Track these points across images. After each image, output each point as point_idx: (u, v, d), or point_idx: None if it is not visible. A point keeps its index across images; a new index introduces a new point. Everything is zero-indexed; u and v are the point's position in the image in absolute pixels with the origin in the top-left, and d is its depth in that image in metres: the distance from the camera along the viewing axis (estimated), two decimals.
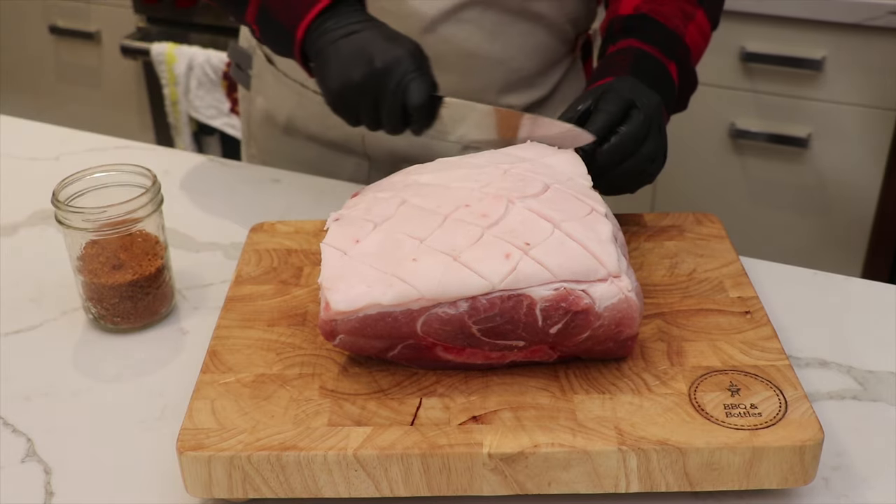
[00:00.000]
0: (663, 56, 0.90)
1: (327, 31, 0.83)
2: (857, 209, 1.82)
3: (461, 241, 0.67)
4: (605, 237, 0.67)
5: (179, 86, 2.11)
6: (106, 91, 2.41)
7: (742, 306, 0.76)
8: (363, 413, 0.66)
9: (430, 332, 0.66)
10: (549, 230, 0.67)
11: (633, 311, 0.66)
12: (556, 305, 0.65)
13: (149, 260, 0.81)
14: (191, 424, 0.65)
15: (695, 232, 0.86)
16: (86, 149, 1.16)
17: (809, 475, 0.64)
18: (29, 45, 2.45)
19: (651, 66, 0.88)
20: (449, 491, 0.64)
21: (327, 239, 0.71)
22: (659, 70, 0.89)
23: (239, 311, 0.77)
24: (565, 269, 0.65)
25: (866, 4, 1.64)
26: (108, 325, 0.82)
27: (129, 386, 0.77)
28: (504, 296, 0.65)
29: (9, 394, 0.76)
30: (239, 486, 0.63)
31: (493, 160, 0.77)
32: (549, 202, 0.70)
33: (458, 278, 0.65)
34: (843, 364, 0.77)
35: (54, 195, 0.79)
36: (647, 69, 0.88)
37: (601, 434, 0.63)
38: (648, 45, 0.90)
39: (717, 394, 0.66)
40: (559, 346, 0.68)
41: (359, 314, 0.65)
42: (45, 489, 0.67)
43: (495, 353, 0.68)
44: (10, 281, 0.91)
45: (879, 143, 1.75)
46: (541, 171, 0.74)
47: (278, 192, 1.05)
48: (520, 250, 0.66)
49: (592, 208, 0.70)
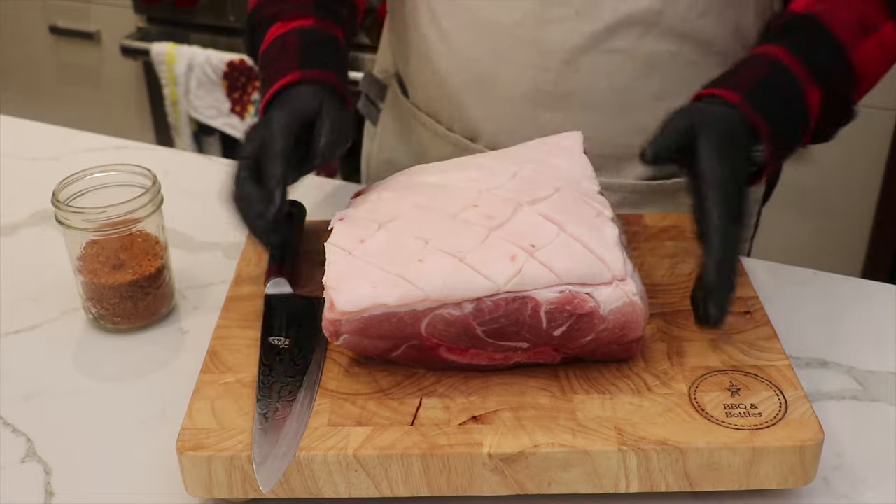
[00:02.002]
0: (809, 77, 0.73)
1: None
2: (857, 209, 1.82)
3: (467, 243, 0.67)
4: (612, 241, 0.67)
5: (179, 86, 2.11)
6: (106, 91, 2.41)
7: (742, 306, 0.76)
8: (363, 413, 0.66)
9: (435, 333, 0.66)
10: (555, 233, 0.67)
11: (638, 315, 0.66)
12: (560, 308, 0.65)
13: (149, 260, 0.81)
14: (191, 424, 0.65)
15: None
16: (86, 149, 1.16)
17: (809, 475, 0.64)
18: (29, 45, 2.45)
19: (784, 92, 0.73)
20: (449, 491, 0.64)
21: (332, 238, 0.70)
22: (792, 98, 0.73)
23: (239, 311, 0.77)
24: (570, 272, 0.65)
25: None
26: (108, 325, 0.82)
27: (129, 386, 0.77)
28: (509, 298, 0.65)
29: (9, 394, 0.76)
30: (239, 486, 0.63)
31: (501, 161, 0.76)
32: (556, 205, 0.70)
33: (463, 280, 0.65)
34: (843, 364, 0.77)
35: (54, 195, 0.79)
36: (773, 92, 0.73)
37: (601, 434, 0.63)
38: (796, 58, 0.74)
39: (717, 394, 0.66)
40: (563, 348, 0.68)
41: (363, 314, 0.65)
42: (45, 489, 0.67)
43: (499, 354, 0.68)
44: (10, 281, 0.91)
45: (879, 143, 1.75)
46: (549, 174, 0.74)
47: None
48: (525, 252, 0.66)
49: (599, 212, 0.70)
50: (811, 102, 0.74)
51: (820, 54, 0.75)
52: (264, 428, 0.64)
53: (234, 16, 2.11)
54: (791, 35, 0.76)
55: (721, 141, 0.69)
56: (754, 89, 0.72)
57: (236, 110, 2.09)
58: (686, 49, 0.87)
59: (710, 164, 0.68)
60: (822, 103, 0.74)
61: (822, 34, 0.75)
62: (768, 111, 0.71)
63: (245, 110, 2.09)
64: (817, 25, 0.75)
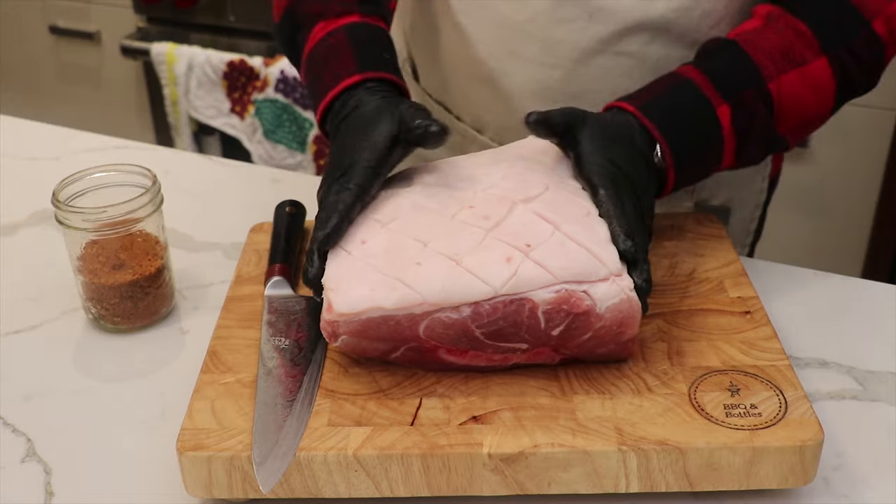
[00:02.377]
0: (715, 94, 0.75)
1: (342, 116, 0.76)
2: (857, 209, 1.82)
3: (464, 245, 0.67)
4: (605, 238, 0.67)
5: (179, 86, 2.11)
6: (106, 91, 2.41)
7: (742, 306, 0.76)
8: (363, 413, 0.66)
9: (433, 336, 0.66)
10: (550, 232, 0.67)
11: (635, 312, 0.66)
12: (557, 308, 0.65)
13: (149, 260, 0.81)
14: (191, 424, 0.65)
15: (695, 232, 0.86)
16: (86, 149, 1.16)
17: (809, 475, 0.64)
18: (29, 45, 2.45)
19: (686, 102, 0.75)
20: (449, 491, 0.64)
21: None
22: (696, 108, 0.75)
23: (239, 311, 0.77)
24: (566, 270, 0.65)
25: None
26: (108, 325, 0.82)
27: (129, 386, 0.77)
28: (506, 300, 0.65)
29: (9, 394, 0.76)
30: (239, 486, 0.63)
31: (495, 160, 0.76)
32: (549, 203, 0.70)
33: (460, 283, 0.65)
34: (843, 364, 0.77)
35: (54, 195, 0.79)
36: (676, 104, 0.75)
37: (601, 434, 0.63)
38: (705, 75, 0.76)
39: (717, 394, 0.66)
40: (562, 348, 0.68)
41: (361, 317, 0.65)
42: (45, 489, 0.67)
43: (498, 355, 0.68)
44: (10, 281, 0.91)
45: (879, 143, 1.75)
46: (538, 170, 0.74)
47: (278, 192, 1.05)
48: (521, 253, 0.66)
49: (588, 209, 0.70)
50: (721, 115, 0.75)
51: (730, 73, 0.76)
52: (264, 428, 0.64)
53: (234, 16, 2.11)
54: (707, 57, 0.79)
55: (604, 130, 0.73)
56: (652, 100, 0.75)
57: (236, 110, 2.09)
58: (693, 55, 0.86)
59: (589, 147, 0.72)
60: (735, 119, 0.75)
61: (738, 56, 0.77)
62: (665, 120, 0.74)
63: (245, 110, 2.09)
64: (735, 49, 0.77)
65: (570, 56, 0.87)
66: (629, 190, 0.71)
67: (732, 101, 0.76)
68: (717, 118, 0.75)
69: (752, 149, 0.78)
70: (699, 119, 0.75)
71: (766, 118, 0.77)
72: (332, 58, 0.79)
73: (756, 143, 0.78)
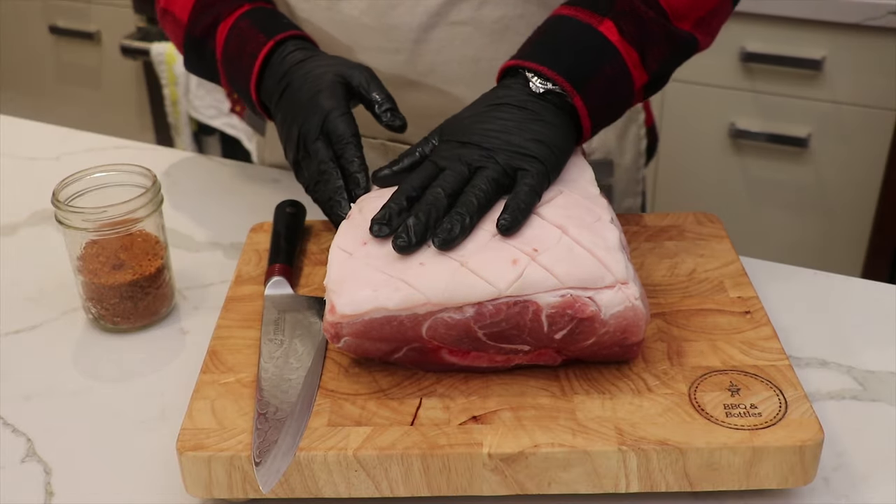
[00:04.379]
0: (592, 15, 0.74)
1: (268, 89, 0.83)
2: (857, 209, 1.82)
3: (469, 246, 0.67)
4: (613, 244, 0.67)
5: (179, 86, 2.11)
6: (106, 91, 2.41)
7: (742, 306, 0.76)
8: (363, 413, 0.66)
9: (436, 336, 0.66)
10: (558, 236, 0.67)
11: (640, 319, 0.66)
12: (561, 312, 0.65)
13: (149, 260, 0.81)
14: (191, 424, 0.65)
15: (695, 232, 0.86)
16: (86, 149, 1.16)
17: (809, 475, 0.64)
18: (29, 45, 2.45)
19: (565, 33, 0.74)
20: (449, 491, 0.64)
21: (336, 240, 0.70)
22: (577, 34, 0.74)
23: (239, 311, 0.77)
24: (572, 276, 0.65)
25: (866, 4, 1.64)
26: (108, 325, 0.82)
27: (129, 386, 0.77)
28: (510, 302, 0.65)
29: (9, 394, 0.76)
30: (239, 486, 0.63)
31: None
32: (559, 207, 0.70)
33: (464, 284, 0.65)
34: (843, 364, 0.77)
35: (54, 195, 0.79)
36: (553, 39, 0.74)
37: (601, 434, 0.63)
38: (575, 6, 0.76)
39: (717, 394, 0.66)
40: (564, 351, 0.68)
41: (364, 317, 0.65)
42: (45, 489, 0.67)
43: (500, 356, 0.68)
44: (10, 281, 0.91)
45: (879, 143, 1.75)
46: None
47: (278, 192, 1.05)
48: (527, 256, 0.65)
49: (599, 215, 0.70)
50: (606, 31, 0.74)
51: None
52: (264, 428, 0.64)
53: None
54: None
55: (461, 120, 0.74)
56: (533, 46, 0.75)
57: (236, 110, 2.09)
58: (530, 10, 0.89)
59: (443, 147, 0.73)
60: (621, 30, 0.74)
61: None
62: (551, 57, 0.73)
63: (245, 110, 2.09)
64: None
65: (408, 37, 0.90)
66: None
67: (611, 14, 0.74)
68: (603, 36, 0.74)
69: (657, 53, 0.76)
70: (586, 45, 0.74)
71: (658, 20, 0.76)
72: (243, 43, 0.85)
73: (659, 46, 0.76)
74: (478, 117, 0.73)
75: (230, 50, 0.87)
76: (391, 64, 0.93)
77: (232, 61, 0.87)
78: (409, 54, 0.92)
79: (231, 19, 0.87)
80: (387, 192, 0.74)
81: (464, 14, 0.88)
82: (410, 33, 0.90)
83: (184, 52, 0.93)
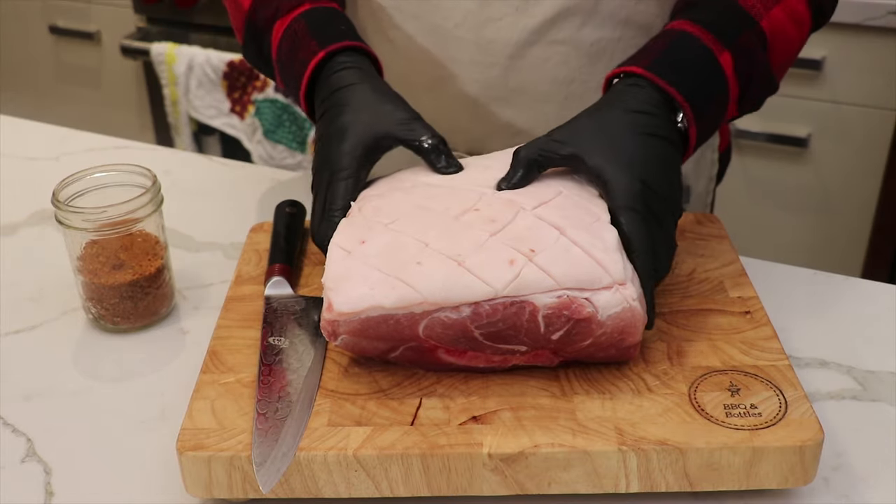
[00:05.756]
0: (715, 42, 0.73)
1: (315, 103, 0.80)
2: (857, 209, 1.82)
3: (466, 246, 0.67)
4: (611, 245, 0.67)
5: (179, 86, 2.11)
6: (106, 91, 2.41)
7: (742, 306, 0.76)
8: (363, 413, 0.66)
9: (433, 336, 0.66)
10: (555, 237, 0.67)
11: (637, 321, 0.66)
12: (558, 313, 0.65)
13: (149, 260, 0.81)
14: (191, 424, 0.65)
15: (695, 232, 0.86)
16: (86, 149, 1.16)
17: (809, 475, 0.64)
18: (29, 45, 2.45)
19: (691, 56, 0.73)
20: (449, 491, 0.64)
21: (335, 238, 0.70)
22: (701, 60, 0.73)
23: (239, 311, 0.77)
24: (569, 277, 0.65)
25: (866, 4, 1.64)
26: (108, 325, 0.82)
27: (129, 386, 0.77)
28: (507, 302, 0.65)
29: (9, 394, 0.76)
30: (239, 486, 0.63)
31: (505, 163, 0.76)
32: (557, 208, 0.70)
33: (461, 283, 0.65)
34: (843, 364, 0.77)
35: (54, 195, 0.79)
36: (682, 59, 0.73)
37: (601, 434, 0.63)
38: (699, 26, 0.74)
39: (717, 394, 0.66)
40: (561, 352, 0.68)
41: (361, 316, 0.65)
42: (45, 489, 0.67)
43: (497, 356, 0.68)
44: (10, 281, 0.91)
45: (879, 143, 1.75)
46: (551, 176, 0.74)
47: (278, 192, 1.05)
48: (524, 256, 0.65)
49: (598, 215, 0.70)
50: (723, 63, 0.73)
51: (723, 19, 0.74)
52: (264, 428, 0.64)
53: None
54: (691, 9, 0.77)
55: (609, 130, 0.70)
56: (660, 57, 0.72)
57: (236, 110, 2.09)
58: (628, 34, 0.87)
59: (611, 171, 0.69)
60: (736, 65, 0.74)
61: (726, 3, 0.75)
62: (678, 77, 0.71)
63: (245, 110, 2.09)
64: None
65: (504, 52, 0.88)
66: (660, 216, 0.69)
67: (732, 47, 0.74)
68: (720, 67, 0.73)
69: (753, 93, 0.77)
70: (706, 71, 0.73)
71: (763, 59, 0.76)
72: (296, 47, 0.81)
73: (757, 86, 0.76)
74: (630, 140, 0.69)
75: (283, 51, 0.84)
76: (483, 78, 0.90)
77: (285, 64, 0.84)
78: (503, 70, 0.89)
79: (289, 18, 0.84)
80: (387, 192, 0.75)
81: (564, 33, 0.87)
82: (507, 48, 0.88)
83: (242, 40, 0.89)
